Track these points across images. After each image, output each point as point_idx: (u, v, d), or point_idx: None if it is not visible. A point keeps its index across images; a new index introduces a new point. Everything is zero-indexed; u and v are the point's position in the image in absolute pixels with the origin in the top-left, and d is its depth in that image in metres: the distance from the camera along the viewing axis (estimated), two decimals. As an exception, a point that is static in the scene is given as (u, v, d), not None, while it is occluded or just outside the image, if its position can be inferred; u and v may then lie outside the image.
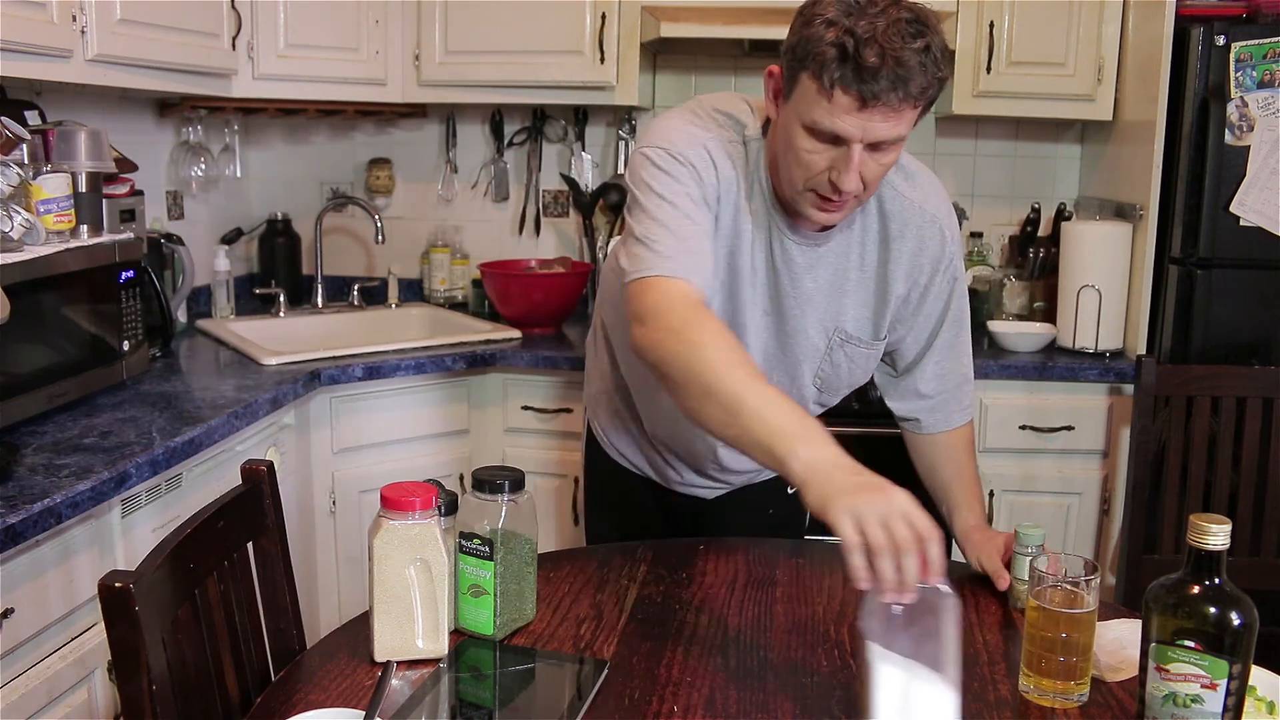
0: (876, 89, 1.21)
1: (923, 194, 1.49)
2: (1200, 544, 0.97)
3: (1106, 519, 2.61)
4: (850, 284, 1.50)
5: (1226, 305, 2.48)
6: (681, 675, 1.19)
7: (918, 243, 1.49)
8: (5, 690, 1.42)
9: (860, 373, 1.58)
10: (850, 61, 1.21)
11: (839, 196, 1.31)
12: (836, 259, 1.48)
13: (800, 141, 1.30)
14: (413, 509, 1.16)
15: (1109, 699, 1.16)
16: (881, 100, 1.22)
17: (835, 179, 1.29)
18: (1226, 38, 2.39)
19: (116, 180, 2.22)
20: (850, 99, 1.23)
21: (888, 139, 1.27)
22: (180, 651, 1.13)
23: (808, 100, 1.27)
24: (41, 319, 1.81)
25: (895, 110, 1.24)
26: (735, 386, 1.17)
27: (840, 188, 1.29)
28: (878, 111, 1.23)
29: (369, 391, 2.44)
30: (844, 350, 1.53)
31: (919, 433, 1.62)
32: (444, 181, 3.19)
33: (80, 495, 1.50)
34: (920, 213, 1.48)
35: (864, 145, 1.27)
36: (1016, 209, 3.08)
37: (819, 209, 1.35)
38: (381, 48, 2.76)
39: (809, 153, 1.30)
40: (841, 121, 1.25)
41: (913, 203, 1.48)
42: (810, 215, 1.37)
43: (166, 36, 2.19)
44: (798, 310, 1.49)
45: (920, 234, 1.48)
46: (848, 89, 1.22)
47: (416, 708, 1.09)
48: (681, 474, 1.71)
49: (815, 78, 1.24)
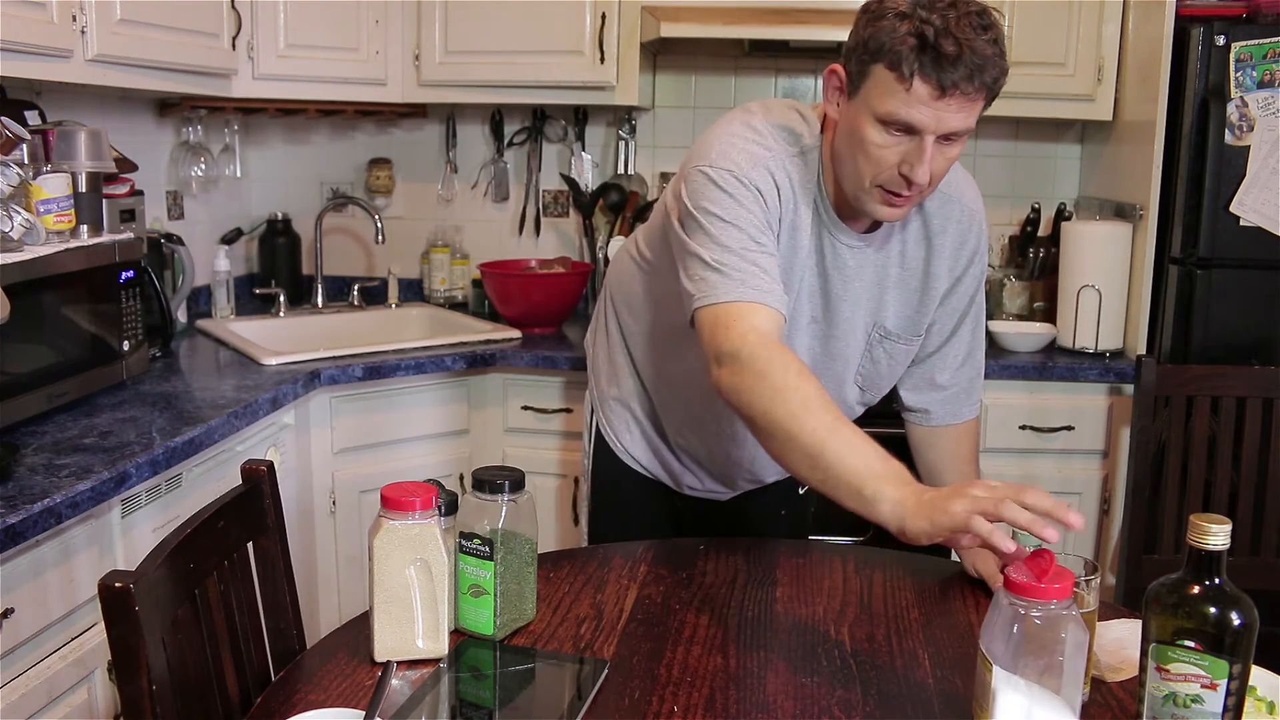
0: (955, 77, 1.23)
1: (960, 190, 1.51)
2: (1200, 544, 0.97)
3: (1106, 519, 2.61)
4: (890, 281, 1.51)
5: (1226, 305, 2.47)
6: (681, 675, 1.19)
7: (959, 237, 1.50)
8: (5, 690, 1.42)
9: (898, 368, 1.59)
10: (930, 51, 1.23)
11: (909, 190, 1.32)
12: (879, 256, 1.49)
13: (871, 135, 1.30)
14: (413, 509, 1.16)
15: (1109, 699, 1.16)
16: (960, 89, 1.24)
17: (907, 171, 1.30)
18: (1226, 38, 2.39)
19: (116, 180, 2.22)
20: (929, 88, 1.24)
21: (959, 130, 1.29)
22: (180, 651, 1.13)
23: (882, 92, 1.27)
24: (41, 319, 1.81)
25: (970, 100, 1.26)
26: (819, 434, 1.19)
27: (913, 179, 1.30)
28: (954, 101, 1.25)
29: (369, 391, 2.44)
30: (883, 347, 1.54)
31: (927, 424, 1.62)
32: (444, 181, 3.19)
33: (80, 495, 1.50)
34: (961, 207, 1.50)
35: (936, 137, 1.28)
36: (1016, 209, 3.08)
37: (886, 204, 1.35)
38: (381, 48, 2.76)
39: (880, 147, 1.30)
40: (918, 111, 1.26)
41: (952, 198, 1.49)
42: (875, 211, 1.37)
43: (166, 36, 2.19)
44: (848, 314, 1.50)
45: (961, 228, 1.50)
46: (927, 78, 1.24)
47: (416, 708, 1.09)
48: (702, 480, 1.71)
49: (892, 68, 1.25)
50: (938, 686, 1.18)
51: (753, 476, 1.68)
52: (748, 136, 1.41)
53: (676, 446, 1.69)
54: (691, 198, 1.39)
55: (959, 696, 1.16)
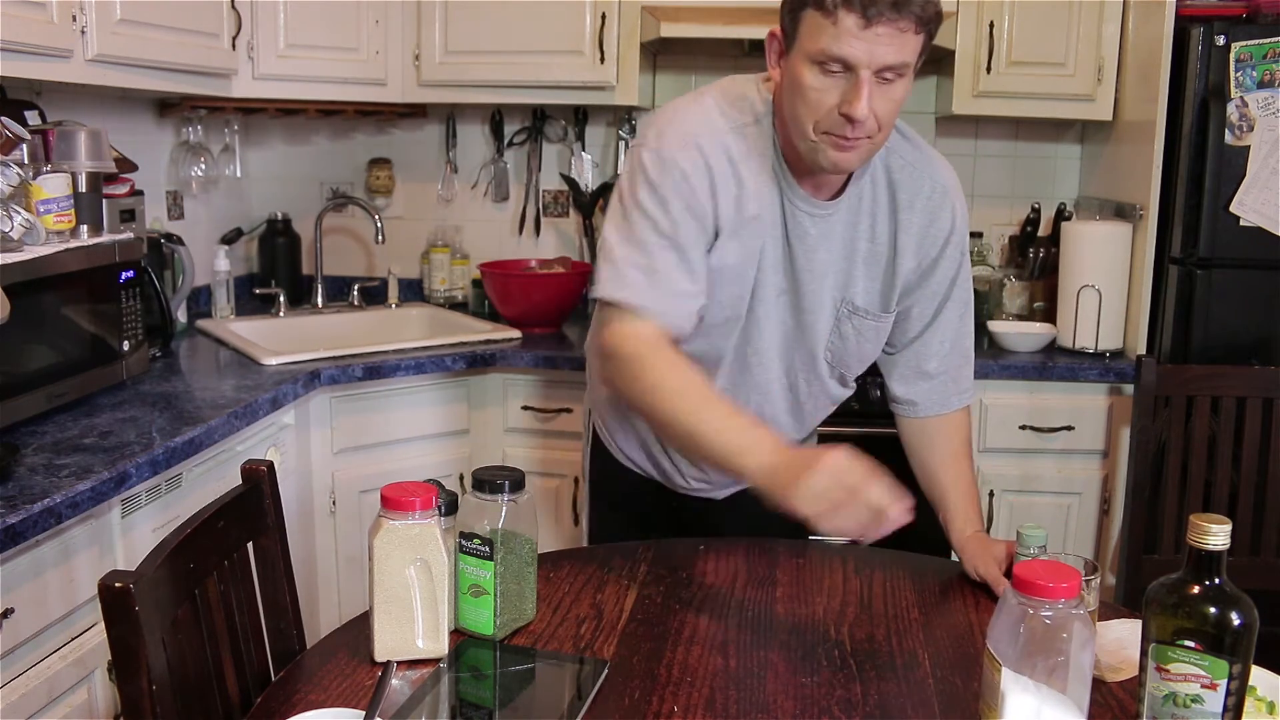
0: (879, 5, 1.25)
1: (933, 166, 1.51)
2: (1200, 544, 0.97)
3: (1106, 519, 2.61)
4: (860, 255, 1.50)
5: (1226, 305, 2.48)
6: (681, 675, 1.19)
7: (928, 215, 1.50)
8: (5, 690, 1.42)
9: (870, 346, 1.58)
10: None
11: (853, 132, 1.32)
12: (846, 229, 1.49)
13: (809, 79, 1.32)
14: (413, 509, 1.16)
15: (1109, 699, 1.16)
16: (885, 16, 1.25)
17: (847, 110, 1.30)
18: (1226, 38, 2.39)
19: (116, 180, 2.22)
20: (855, 17, 1.26)
21: (893, 63, 1.29)
22: (180, 651, 1.13)
23: (813, 33, 1.29)
24: (41, 319, 1.81)
25: (899, 30, 1.27)
26: (689, 418, 1.32)
27: (852, 116, 1.30)
28: (882, 31, 1.26)
29: (369, 391, 2.44)
30: (851, 322, 1.53)
31: (915, 416, 1.61)
32: (444, 181, 3.19)
33: (80, 495, 1.50)
34: (931, 182, 1.50)
35: (872, 73, 1.29)
36: (1016, 209, 3.08)
37: (835, 149, 1.35)
38: (381, 48, 2.76)
39: (818, 90, 1.32)
40: (848, 45, 1.27)
41: (922, 172, 1.49)
42: (826, 160, 1.36)
43: (166, 36, 2.19)
44: (814, 285, 1.49)
45: (930, 205, 1.49)
46: (850, 7, 1.25)
47: (416, 708, 1.09)
48: (688, 480, 1.71)
49: (817, 6, 1.28)
50: (938, 686, 1.18)
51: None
52: (689, 114, 1.44)
53: (665, 444, 1.69)
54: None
55: (959, 696, 1.16)
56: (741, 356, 1.54)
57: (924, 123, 3.11)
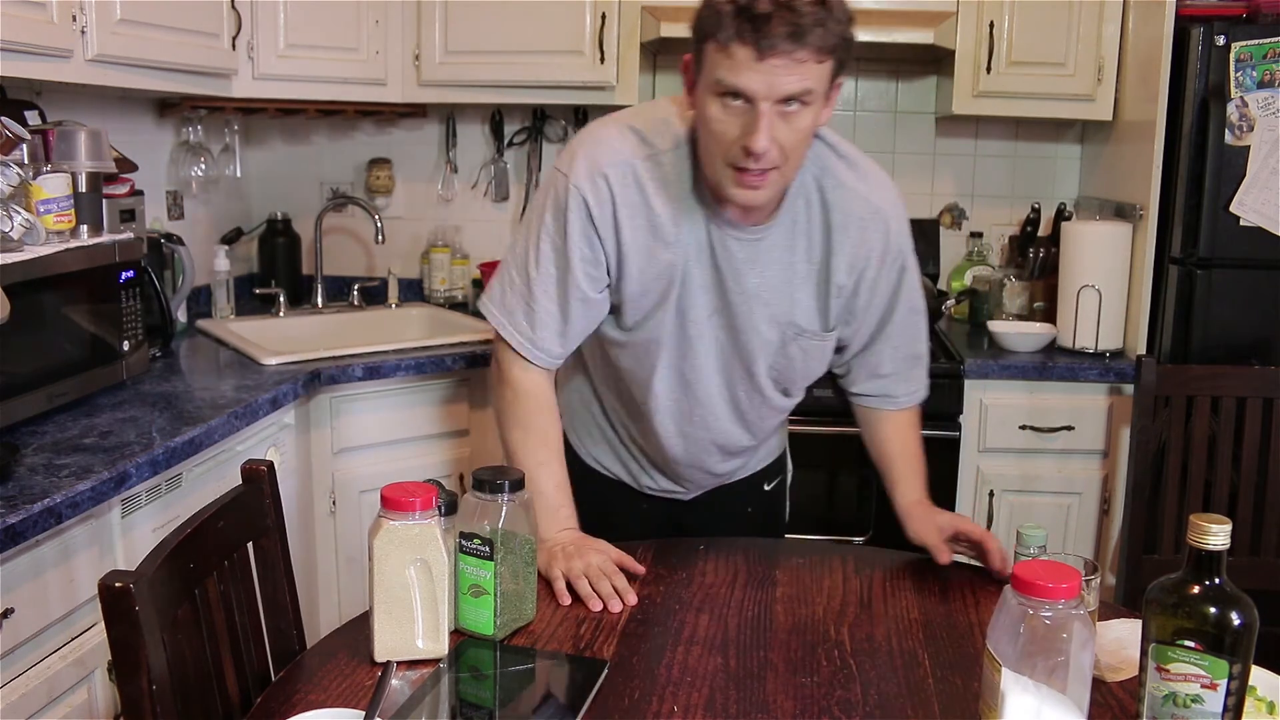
0: (772, 38, 1.24)
1: (867, 186, 1.49)
2: (1200, 544, 0.97)
3: (1106, 519, 2.61)
4: (799, 277, 1.51)
5: (1226, 305, 2.47)
6: (681, 675, 1.19)
7: (860, 234, 1.49)
8: (5, 690, 1.42)
9: (816, 364, 1.59)
10: (745, 14, 1.24)
11: (756, 165, 1.31)
12: (783, 253, 1.49)
13: (712, 111, 1.32)
14: (413, 509, 1.16)
15: (1109, 699, 1.16)
16: (778, 48, 1.24)
17: (746, 142, 1.29)
18: (1226, 38, 2.39)
19: (116, 180, 2.22)
20: (748, 50, 1.25)
21: (795, 92, 1.28)
22: (180, 651, 1.13)
23: (713, 64, 1.29)
24: (41, 319, 1.81)
25: (796, 61, 1.25)
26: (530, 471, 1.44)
27: (751, 148, 1.29)
28: (779, 64, 1.25)
29: (369, 391, 2.44)
30: (798, 344, 1.54)
31: (866, 406, 1.67)
32: (444, 181, 3.19)
33: (80, 495, 1.50)
34: (865, 203, 1.49)
35: (772, 103, 1.28)
36: (1016, 209, 3.08)
37: (739, 184, 1.35)
38: (381, 48, 2.76)
39: (721, 122, 1.31)
40: (744, 77, 1.26)
41: (856, 193, 1.48)
42: (733, 194, 1.37)
43: (166, 36, 2.19)
44: (745, 307, 1.50)
45: (863, 225, 1.49)
46: (744, 41, 1.25)
47: (416, 708, 1.09)
48: (655, 479, 1.72)
49: (715, 39, 1.27)
50: (938, 686, 1.18)
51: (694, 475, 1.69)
52: (603, 142, 1.47)
53: (630, 444, 1.70)
54: (538, 193, 1.52)
55: (959, 696, 1.16)
56: (680, 373, 1.56)
57: (924, 123, 3.11)
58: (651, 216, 1.45)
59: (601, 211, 1.44)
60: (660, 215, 1.45)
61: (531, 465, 1.50)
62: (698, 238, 1.46)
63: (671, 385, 1.57)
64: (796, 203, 1.47)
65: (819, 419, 2.49)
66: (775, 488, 1.82)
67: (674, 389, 1.57)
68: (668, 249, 1.46)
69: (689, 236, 1.46)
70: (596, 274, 1.48)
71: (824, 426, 2.50)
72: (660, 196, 1.45)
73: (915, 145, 3.13)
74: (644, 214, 1.45)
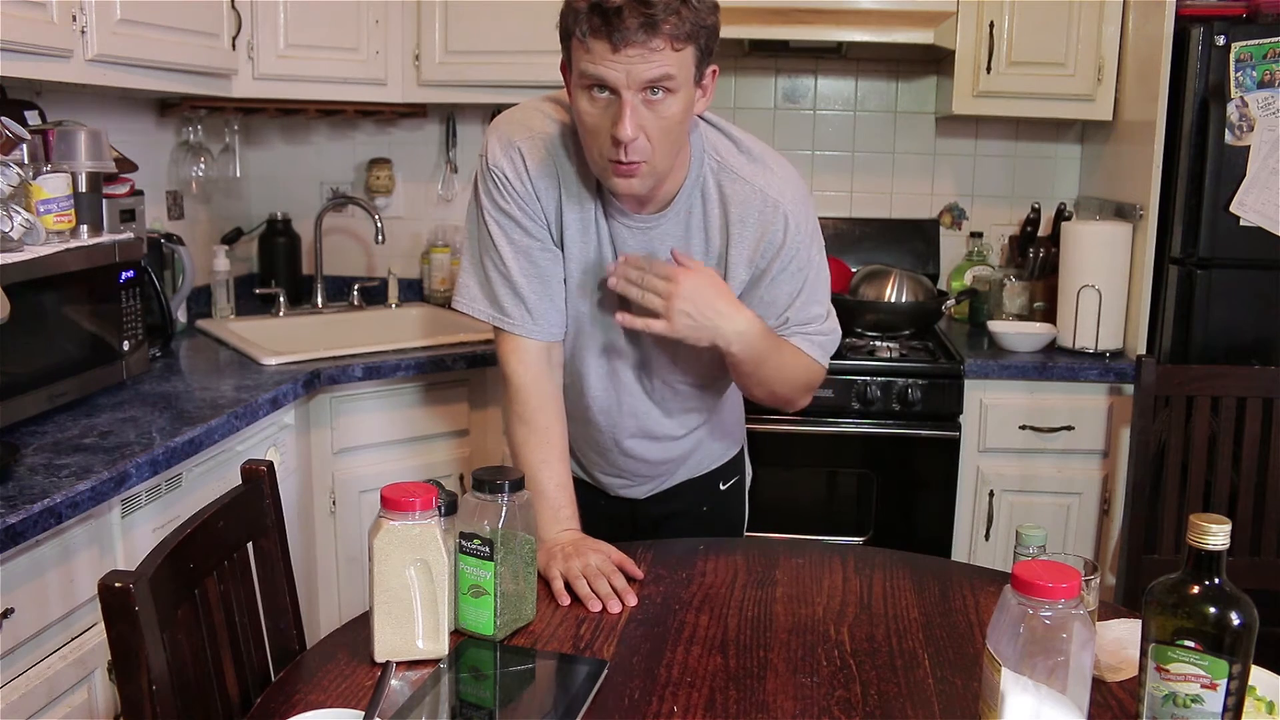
0: (624, 30, 1.26)
1: (766, 179, 1.49)
2: (1200, 544, 0.97)
3: (1106, 519, 2.61)
4: None
5: (1226, 305, 2.47)
6: (681, 675, 1.19)
7: (760, 229, 1.49)
8: (5, 690, 1.42)
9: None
10: (597, 10, 1.27)
11: (626, 155, 1.33)
12: (678, 244, 1.50)
13: (583, 105, 1.34)
14: (413, 509, 1.16)
15: (1109, 699, 1.16)
16: (630, 40, 1.27)
17: (614, 131, 1.32)
18: (1226, 38, 2.39)
19: (116, 180, 2.22)
20: (603, 43, 1.28)
21: (652, 78, 1.30)
22: (180, 651, 1.13)
23: (576, 58, 1.32)
24: (42, 319, 1.81)
25: (652, 50, 1.28)
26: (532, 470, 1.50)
27: (618, 136, 1.31)
28: (634, 53, 1.28)
29: (369, 391, 2.44)
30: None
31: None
32: (444, 181, 3.19)
33: (80, 495, 1.50)
34: (762, 197, 1.48)
35: (636, 91, 1.30)
36: (1016, 209, 3.08)
37: (615, 175, 1.37)
38: (381, 48, 2.76)
39: (592, 115, 1.34)
40: (604, 68, 1.29)
41: (754, 186, 1.48)
42: (612, 185, 1.40)
43: (166, 36, 2.19)
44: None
45: (762, 219, 1.48)
46: (598, 34, 1.28)
47: (416, 708, 1.09)
48: (605, 471, 1.73)
49: (574, 35, 1.30)
50: (938, 686, 1.18)
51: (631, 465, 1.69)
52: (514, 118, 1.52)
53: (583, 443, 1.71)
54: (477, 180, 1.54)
55: (959, 696, 1.16)
56: (579, 351, 1.59)
57: (924, 123, 3.11)
58: (564, 189, 1.49)
59: (521, 182, 1.48)
60: (570, 189, 1.49)
61: (534, 463, 1.51)
62: (593, 220, 1.50)
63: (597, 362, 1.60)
64: (694, 194, 1.48)
65: (818, 419, 2.50)
66: (732, 487, 1.83)
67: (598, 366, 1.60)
68: (577, 224, 1.50)
69: (589, 216, 1.50)
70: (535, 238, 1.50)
71: (824, 426, 2.51)
72: (566, 171, 1.48)
73: (915, 145, 3.13)
74: (557, 181, 1.48)
